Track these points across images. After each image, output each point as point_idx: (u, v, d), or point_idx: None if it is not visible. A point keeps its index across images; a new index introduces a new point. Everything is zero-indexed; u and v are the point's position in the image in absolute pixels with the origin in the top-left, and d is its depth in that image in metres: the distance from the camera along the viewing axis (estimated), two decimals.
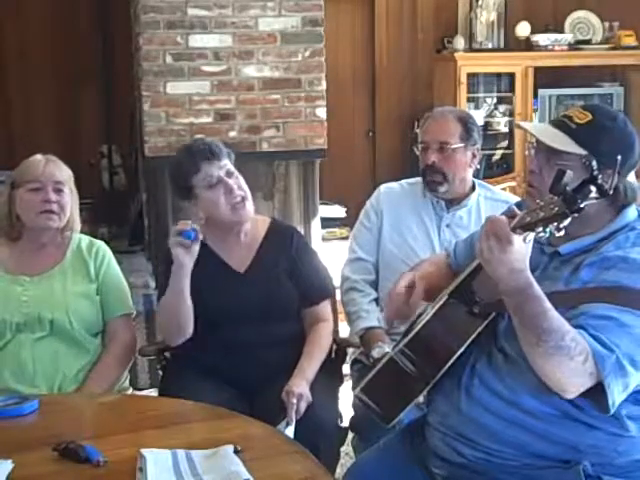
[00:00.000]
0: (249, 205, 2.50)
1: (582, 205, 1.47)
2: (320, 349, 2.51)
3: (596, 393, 1.60)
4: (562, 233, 1.52)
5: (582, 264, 1.70)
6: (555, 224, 1.50)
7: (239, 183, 2.49)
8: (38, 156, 2.55)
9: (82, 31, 5.51)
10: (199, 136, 4.20)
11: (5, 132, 5.47)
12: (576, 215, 1.48)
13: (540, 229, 1.53)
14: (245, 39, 4.43)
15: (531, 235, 1.57)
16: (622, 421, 1.68)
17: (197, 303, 2.44)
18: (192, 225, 2.32)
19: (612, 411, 1.61)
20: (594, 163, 1.55)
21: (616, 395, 1.59)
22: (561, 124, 1.78)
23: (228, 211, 2.47)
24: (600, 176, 1.50)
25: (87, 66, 5.52)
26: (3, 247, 2.55)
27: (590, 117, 1.76)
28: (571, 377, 1.58)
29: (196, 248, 2.33)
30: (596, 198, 1.50)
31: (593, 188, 1.49)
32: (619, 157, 1.63)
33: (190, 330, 2.44)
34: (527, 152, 1.91)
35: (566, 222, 1.50)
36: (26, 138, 5.31)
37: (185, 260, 2.33)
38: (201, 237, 2.33)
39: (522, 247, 1.58)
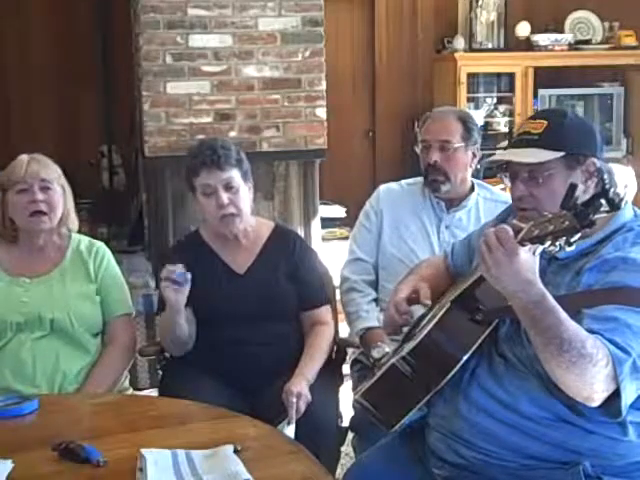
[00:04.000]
0: (239, 222, 2.49)
1: (593, 219, 1.47)
2: (320, 351, 2.52)
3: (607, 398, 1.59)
4: (572, 248, 1.51)
5: (583, 269, 1.70)
6: (565, 238, 1.49)
7: (235, 199, 2.46)
8: (23, 156, 2.52)
9: (82, 31, 5.51)
10: (221, 137, 4.18)
11: (5, 132, 5.47)
12: (587, 230, 1.48)
13: (549, 242, 1.51)
14: (245, 39, 4.43)
15: (540, 248, 1.54)
16: (624, 426, 1.67)
17: (197, 303, 2.45)
18: (178, 270, 2.31)
19: (623, 414, 1.59)
20: (606, 176, 1.55)
21: (629, 398, 1.58)
22: (524, 141, 1.81)
23: (217, 221, 2.48)
24: (608, 183, 1.51)
25: (87, 66, 5.52)
26: (3, 249, 2.55)
27: (545, 122, 1.80)
28: (595, 384, 1.55)
29: (186, 289, 2.33)
30: (607, 211, 1.50)
31: (604, 201, 1.49)
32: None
33: (190, 344, 2.48)
34: (503, 182, 1.91)
35: (577, 236, 1.49)
36: (26, 138, 5.31)
37: (177, 301, 2.35)
38: (189, 278, 2.32)
39: (531, 259, 1.55)
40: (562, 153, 1.75)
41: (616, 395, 1.57)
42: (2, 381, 2.41)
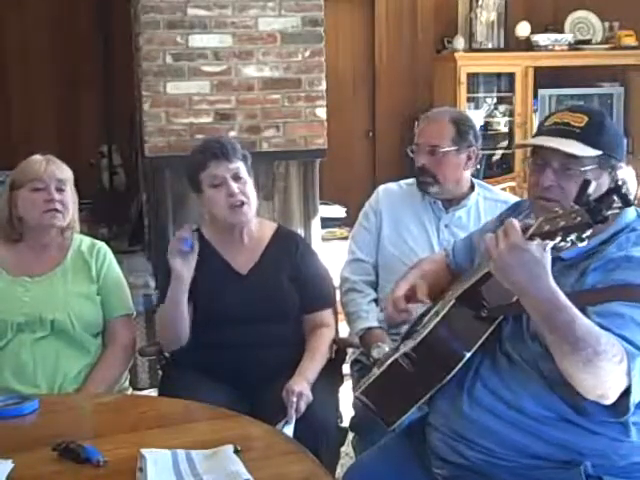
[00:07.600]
0: (247, 210, 2.50)
1: (606, 214, 1.46)
2: (321, 353, 2.52)
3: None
4: (584, 243, 1.49)
5: (588, 269, 1.69)
6: (576, 234, 1.47)
7: (243, 188, 2.49)
8: (37, 156, 2.55)
9: (82, 31, 5.52)
10: (226, 134, 4.25)
11: (5, 132, 5.47)
12: (600, 225, 1.47)
13: (559, 238, 1.49)
14: (245, 39, 4.43)
15: (550, 244, 1.52)
16: (627, 426, 1.67)
17: (198, 303, 2.45)
18: (191, 230, 2.37)
19: (631, 411, 1.59)
20: (618, 172, 1.53)
21: (637, 395, 1.57)
22: (563, 131, 1.76)
23: (227, 212, 2.49)
24: (620, 180, 1.50)
25: (87, 66, 5.52)
26: (4, 249, 2.55)
27: (587, 118, 1.77)
28: (611, 380, 1.54)
29: (192, 260, 2.37)
30: (619, 207, 1.49)
31: (616, 197, 1.47)
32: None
33: (186, 338, 2.48)
34: (528, 169, 1.86)
35: (588, 232, 1.47)
36: (26, 138, 5.32)
37: (183, 271, 2.37)
38: (197, 247, 2.37)
39: (541, 254, 1.53)
40: (600, 152, 1.72)
41: (624, 392, 1.56)
42: (2, 381, 2.41)
